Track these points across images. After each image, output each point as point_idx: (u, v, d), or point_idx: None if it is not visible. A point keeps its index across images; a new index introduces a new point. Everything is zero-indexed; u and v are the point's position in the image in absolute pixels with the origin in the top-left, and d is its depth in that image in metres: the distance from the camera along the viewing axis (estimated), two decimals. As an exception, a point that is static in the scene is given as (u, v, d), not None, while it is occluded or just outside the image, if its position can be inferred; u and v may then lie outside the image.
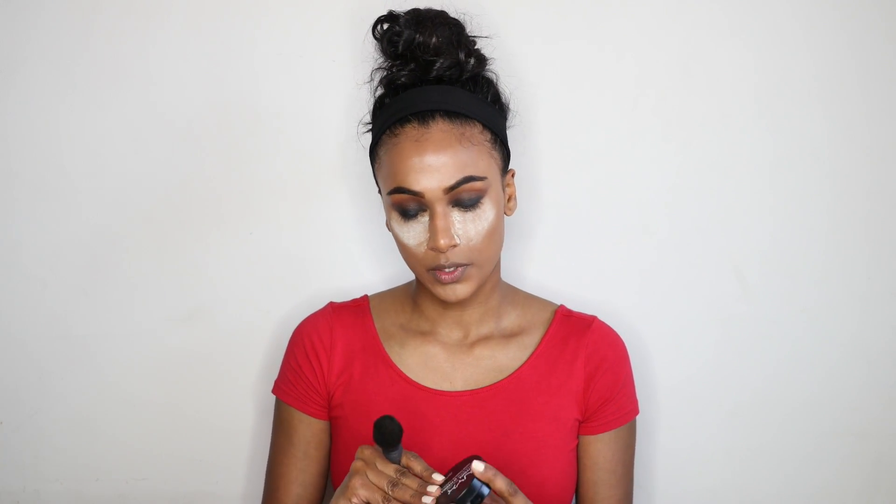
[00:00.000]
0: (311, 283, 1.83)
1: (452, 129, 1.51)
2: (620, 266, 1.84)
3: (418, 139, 1.51)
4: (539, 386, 1.60)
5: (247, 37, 1.80)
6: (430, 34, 1.56)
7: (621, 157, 1.82)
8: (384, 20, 1.59)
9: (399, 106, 1.53)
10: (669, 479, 1.85)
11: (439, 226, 1.49)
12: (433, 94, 1.54)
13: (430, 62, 1.56)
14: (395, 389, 1.60)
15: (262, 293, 1.83)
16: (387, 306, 1.66)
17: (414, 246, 1.52)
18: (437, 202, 1.50)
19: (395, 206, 1.52)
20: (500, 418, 1.59)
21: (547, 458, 1.59)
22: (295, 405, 1.63)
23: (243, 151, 1.82)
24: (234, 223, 1.82)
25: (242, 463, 1.85)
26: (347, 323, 1.64)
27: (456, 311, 1.61)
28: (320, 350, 1.62)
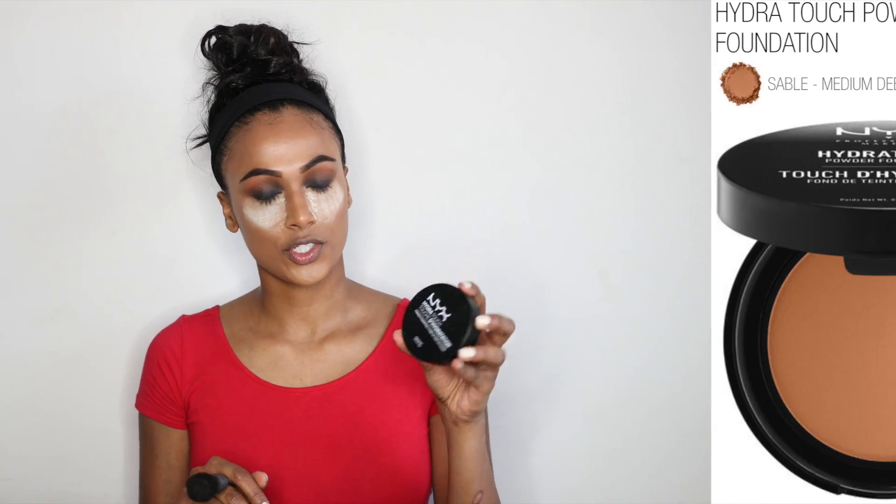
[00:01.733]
0: (175, 282, 1.80)
1: (302, 113, 1.57)
2: (485, 267, 1.83)
3: (272, 122, 1.55)
4: (386, 376, 1.63)
5: (110, 37, 1.77)
6: (261, 38, 1.63)
7: (484, 158, 1.82)
8: (213, 33, 1.65)
9: (245, 100, 1.59)
10: (533, 479, 1.85)
11: (297, 203, 1.53)
12: (277, 88, 1.60)
13: (267, 60, 1.62)
14: (247, 391, 1.62)
15: (126, 293, 1.80)
16: (236, 313, 1.69)
17: (269, 228, 1.55)
18: (294, 181, 1.54)
19: (249, 191, 1.55)
20: (351, 410, 1.61)
21: (399, 446, 1.61)
22: (154, 416, 1.66)
23: (106, 151, 1.78)
24: (97, 223, 1.79)
25: (110, 463, 1.81)
26: (198, 332, 1.67)
27: (303, 307, 1.63)
28: (172, 361, 1.65)
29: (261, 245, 1.57)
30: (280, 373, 1.63)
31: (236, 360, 1.64)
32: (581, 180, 1.83)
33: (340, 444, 1.60)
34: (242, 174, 1.55)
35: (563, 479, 1.86)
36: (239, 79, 1.62)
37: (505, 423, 1.82)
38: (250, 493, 1.46)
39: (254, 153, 1.55)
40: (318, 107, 1.62)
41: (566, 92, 1.82)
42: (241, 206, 1.57)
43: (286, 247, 1.55)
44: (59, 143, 1.77)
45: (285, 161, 1.54)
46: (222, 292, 1.78)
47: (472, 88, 1.82)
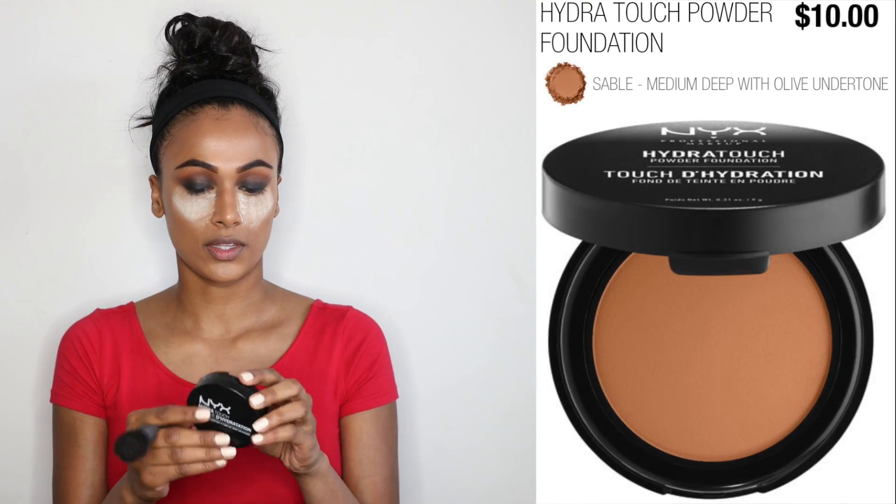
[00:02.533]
0: (88, 283, 1.81)
1: (249, 115, 1.59)
2: (397, 267, 1.84)
3: (218, 118, 1.57)
4: (300, 375, 1.63)
5: (23, 35, 1.79)
6: (225, 34, 1.65)
7: (397, 157, 1.83)
8: (180, 19, 1.67)
9: (196, 91, 1.61)
10: (447, 479, 1.85)
11: (227, 201, 1.55)
12: (229, 86, 1.62)
13: (226, 58, 1.64)
14: (163, 388, 1.62)
15: (39, 293, 1.81)
16: (152, 309, 1.69)
17: (195, 220, 1.56)
18: (228, 179, 1.56)
19: (182, 179, 1.57)
20: None
21: None
22: (76, 407, 1.64)
23: (18, 149, 1.80)
24: (9, 223, 1.80)
25: (20, 463, 1.82)
26: (114, 325, 1.66)
27: (219, 306, 1.64)
28: (91, 352, 1.64)
29: (182, 235, 1.59)
30: (194, 370, 1.64)
31: (153, 355, 1.64)
32: (500, 180, 1.84)
33: None
34: (179, 162, 1.57)
35: (477, 479, 1.86)
36: (195, 69, 1.64)
37: (421, 424, 1.84)
38: (182, 419, 1.42)
39: (195, 144, 1.57)
40: (266, 113, 1.63)
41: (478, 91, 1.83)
42: (171, 194, 1.58)
43: (207, 242, 1.57)
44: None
45: (224, 158, 1.56)
46: (136, 292, 1.78)
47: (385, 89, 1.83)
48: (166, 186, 1.59)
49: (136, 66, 1.77)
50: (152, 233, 1.81)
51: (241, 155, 1.57)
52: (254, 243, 1.58)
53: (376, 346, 1.69)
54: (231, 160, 1.56)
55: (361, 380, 1.66)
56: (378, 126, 1.84)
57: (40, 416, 1.79)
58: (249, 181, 1.57)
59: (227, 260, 1.57)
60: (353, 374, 1.66)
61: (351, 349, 1.66)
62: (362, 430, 1.65)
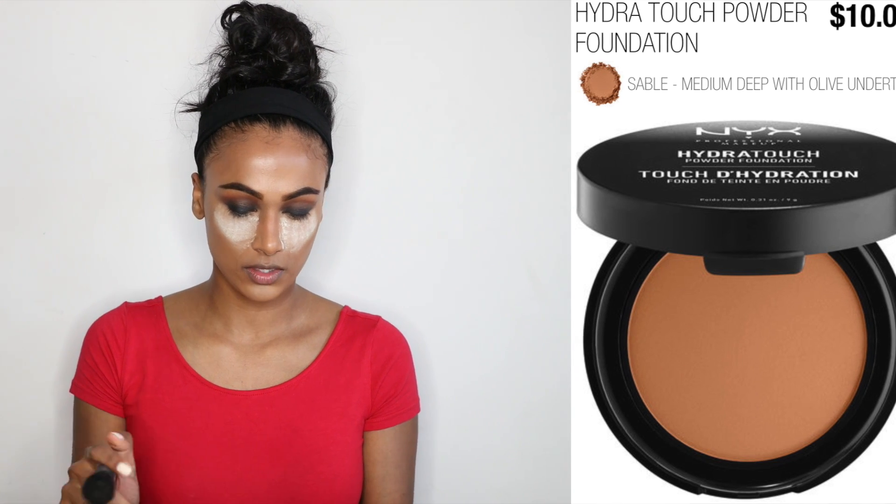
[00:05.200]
0: (105, 283, 1.80)
1: (301, 138, 1.54)
2: (414, 268, 1.84)
3: (269, 141, 1.52)
4: (328, 384, 1.62)
5: (40, 36, 1.78)
6: (286, 37, 1.58)
7: (414, 158, 1.82)
8: (236, 9, 1.60)
9: (248, 102, 1.54)
10: (462, 479, 1.85)
11: (269, 229, 1.51)
12: (284, 99, 1.55)
13: (282, 66, 1.58)
14: (188, 388, 1.61)
15: (56, 293, 1.80)
16: (181, 307, 1.67)
17: (236, 242, 1.53)
18: (272, 206, 1.51)
19: (225, 199, 1.52)
20: (290, 416, 1.60)
21: (336, 455, 1.60)
22: (92, 402, 1.62)
23: (35, 150, 1.79)
24: (26, 223, 1.79)
25: (41, 463, 1.81)
26: (141, 323, 1.64)
27: (251, 311, 1.62)
28: (114, 348, 1.62)
29: (223, 253, 1.55)
30: (221, 373, 1.62)
31: (179, 355, 1.62)
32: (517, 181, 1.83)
33: (280, 450, 1.60)
34: (224, 182, 1.53)
35: (493, 480, 1.85)
36: (248, 71, 1.58)
37: (439, 424, 1.83)
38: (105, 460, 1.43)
39: (242, 167, 1.52)
40: (319, 129, 1.58)
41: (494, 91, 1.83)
42: (214, 209, 1.55)
43: (246, 265, 1.54)
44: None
45: (271, 184, 1.51)
46: (154, 292, 1.76)
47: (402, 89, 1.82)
48: (209, 198, 1.56)
49: (157, 61, 1.77)
50: (166, 233, 1.81)
51: (289, 182, 1.52)
52: (293, 266, 1.56)
53: (404, 363, 1.68)
54: (278, 188, 1.51)
55: (388, 395, 1.65)
56: (401, 127, 1.84)
57: (60, 415, 1.78)
58: (294, 208, 1.54)
59: (265, 283, 1.55)
60: (380, 388, 1.65)
61: (379, 363, 1.66)
62: (387, 447, 1.65)
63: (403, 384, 1.67)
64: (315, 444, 1.60)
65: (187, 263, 1.80)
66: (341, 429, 1.62)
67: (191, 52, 1.70)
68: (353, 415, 1.63)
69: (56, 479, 1.80)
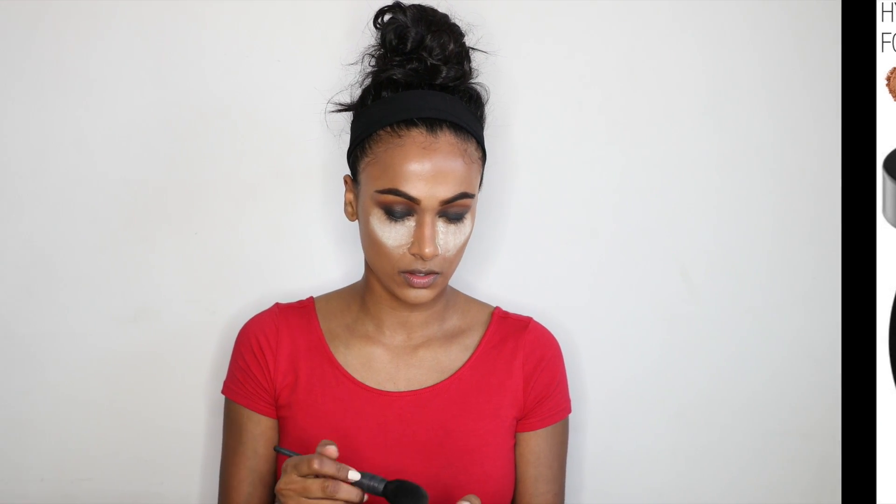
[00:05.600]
0: (256, 283, 1.83)
1: (457, 142, 1.54)
2: (567, 268, 1.85)
3: (426, 147, 1.52)
4: (480, 385, 1.63)
5: (191, 36, 1.81)
6: (441, 39, 1.57)
7: (568, 158, 1.83)
8: (388, 10, 1.59)
9: (404, 105, 1.54)
10: (615, 479, 1.86)
11: (427, 235, 1.52)
12: (440, 103, 1.55)
13: (437, 69, 1.57)
14: (341, 390, 1.62)
15: (208, 293, 1.84)
16: (332, 308, 1.68)
17: (393, 247, 1.54)
18: (429, 212, 1.52)
19: (381, 204, 1.53)
20: (443, 417, 1.62)
21: (489, 456, 1.62)
22: (244, 403, 1.65)
23: (188, 150, 1.82)
24: (178, 223, 1.83)
25: (191, 463, 1.85)
26: (293, 324, 1.66)
27: (404, 313, 1.63)
28: (266, 349, 1.64)
29: (379, 258, 1.56)
30: (373, 374, 1.64)
31: (332, 357, 1.64)
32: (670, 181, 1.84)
33: (433, 451, 1.61)
34: (381, 187, 1.54)
35: (645, 479, 1.87)
36: (402, 74, 1.58)
37: (591, 423, 1.84)
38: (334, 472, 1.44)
39: (399, 173, 1.52)
40: (474, 132, 1.57)
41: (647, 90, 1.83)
42: (369, 213, 1.55)
43: (403, 270, 1.55)
44: (139, 143, 1.81)
45: (428, 190, 1.52)
46: (305, 293, 1.79)
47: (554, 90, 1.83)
48: (364, 202, 1.56)
49: (308, 60, 1.80)
50: (317, 233, 1.83)
51: (446, 188, 1.52)
52: (448, 269, 1.57)
53: (556, 364, 1.69)
54: (435, 192, 1.52)
55: (540, 397, 1.66)
56: (554, 126, 1.84)
57: (211, 415, 1.82)
58: (451, 212, 1.54)
59: (421, 287, 1.55)
60: (532, 389, 1.66)
61: (531, 364, 1.66)
62: (540, 448, 1.66)
63: (555, 385, 1.67)
64: (467, 445, 1.61)
65: (339, 264, 1.81)
66: (493, 430, 1.63)
67: (341, 52, 1.71)
68: (506, 416, 1.64)
69: (204, 481, 1.85)
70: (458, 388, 1.63)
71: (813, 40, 1.79)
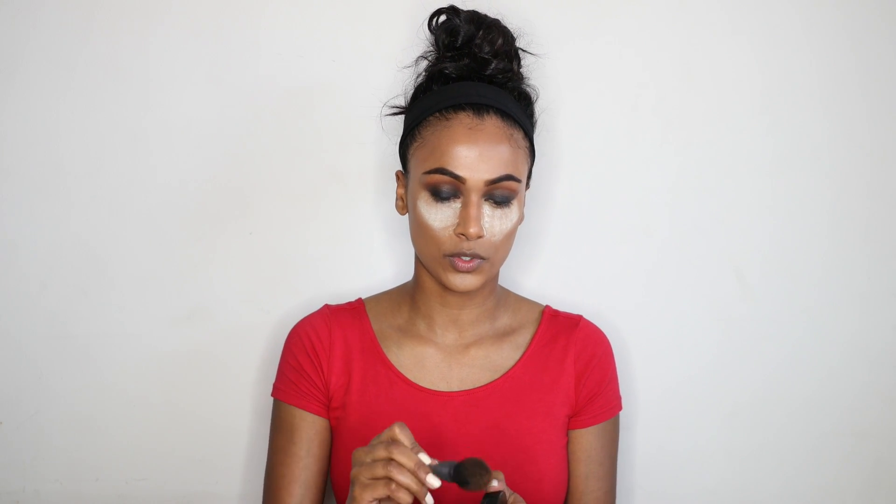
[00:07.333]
0: (310, 283, 1.83)
1: (504, 127, 1.55)
2: (621, 267, 1.84)
3: (472, 127, 1.54)
4: (532, 384, 1.64)
5: (247, 37, 1.81)
6: (489, 35, 1.60)
7: (621, 157, 1.83)
8: (444, 12, 1.62)
9: (453, 94, 1.57)
10: (670, 479, 1.85)
11: (472, 214, 1.53)
12: (488, 91, 1.58)
13: (486, 61, 1.60)
14: (395, 390, 1.62)
15: (262, 293, 1.83)
16: (383, 308, 1.68)
17: (439, 229, 1.55)
18: (475, 191, 1.53)
19: (428, 185, 1.54)
20: (496, 416, 1.62)
21: (543, 454, 1.62)
22: (297, 403, 1.64)
23: (242, 151, 1.82)
24: (233, 223, 1.83)
25: (242, 463, 1.85)
26: (345, 324, 1.66)
27: (454, 311, 1.63)
28: (319, 350, 1.64)
29: (424, 241, 1.57)
30: (426, 374, 1.64)
31: (385, 357, 1.64)
32: (725, 181, 1.83)
33: (487, 450, 1.61)
34: (428, 167, 1.55)
35: (700, 479, 1.86)
36: (453, 68, 1.61)
37: (641, 423, 1.82)
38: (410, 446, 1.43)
39: (446, 152, 1.54)
40: (521, 123, 1.59)
41: (702, 90, 1.82)
42: (416, 197, 1.57)
43: (449, 252, 1.55)
44: (194, 144, 1.82)
45: (474, 169, 1.53)
46: (357, 291, 1.80)
47: (608, 89, 1.83)
48: (412, 188, 1.58)
49: (363, 62, 1.79)
50: (370, 234, 1.82)
51: (491, 168, 1.53)
52: (494, 256, 1.57)
53: (607, 362, 1.69)
54: (480, 172, 1.53)
55: (591, 394, 1.66)
56: (606, 126, 1.83)
57: (258, 415, 1.82)
58: (497, 194, 1.55)
59: (466, 271, 1.55)
60: (583, 387, 1.66)
61: (583, 362, 1.66)
62: (591, 445, 1.66)
63: (606, 383, 1.67)
64: (521, 444, 1.61)
65: (391, 262, 1.82)
66: (546, 428, 1.63)
67: (397, 53, 1.72)
68: (558, 414, 1.64)
69: (243, 479, 1.84)
70: (510, 386, 1.63)
71: (869, 41, 1.78)
